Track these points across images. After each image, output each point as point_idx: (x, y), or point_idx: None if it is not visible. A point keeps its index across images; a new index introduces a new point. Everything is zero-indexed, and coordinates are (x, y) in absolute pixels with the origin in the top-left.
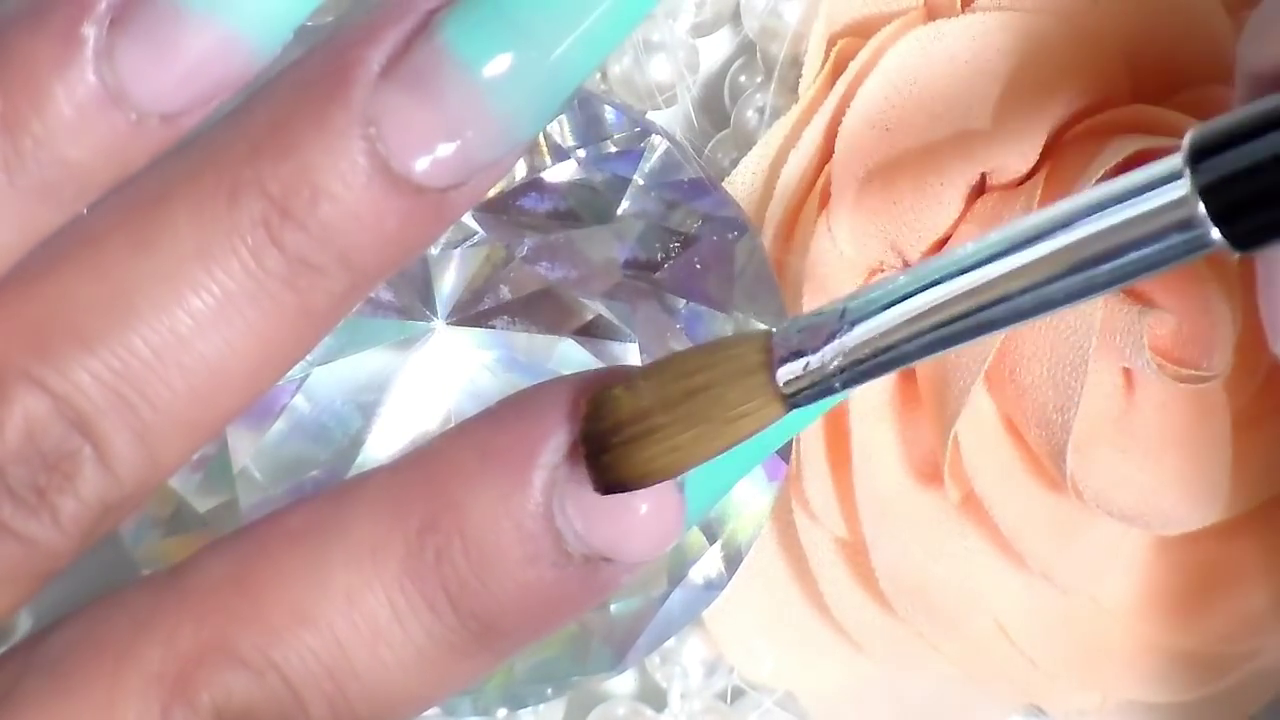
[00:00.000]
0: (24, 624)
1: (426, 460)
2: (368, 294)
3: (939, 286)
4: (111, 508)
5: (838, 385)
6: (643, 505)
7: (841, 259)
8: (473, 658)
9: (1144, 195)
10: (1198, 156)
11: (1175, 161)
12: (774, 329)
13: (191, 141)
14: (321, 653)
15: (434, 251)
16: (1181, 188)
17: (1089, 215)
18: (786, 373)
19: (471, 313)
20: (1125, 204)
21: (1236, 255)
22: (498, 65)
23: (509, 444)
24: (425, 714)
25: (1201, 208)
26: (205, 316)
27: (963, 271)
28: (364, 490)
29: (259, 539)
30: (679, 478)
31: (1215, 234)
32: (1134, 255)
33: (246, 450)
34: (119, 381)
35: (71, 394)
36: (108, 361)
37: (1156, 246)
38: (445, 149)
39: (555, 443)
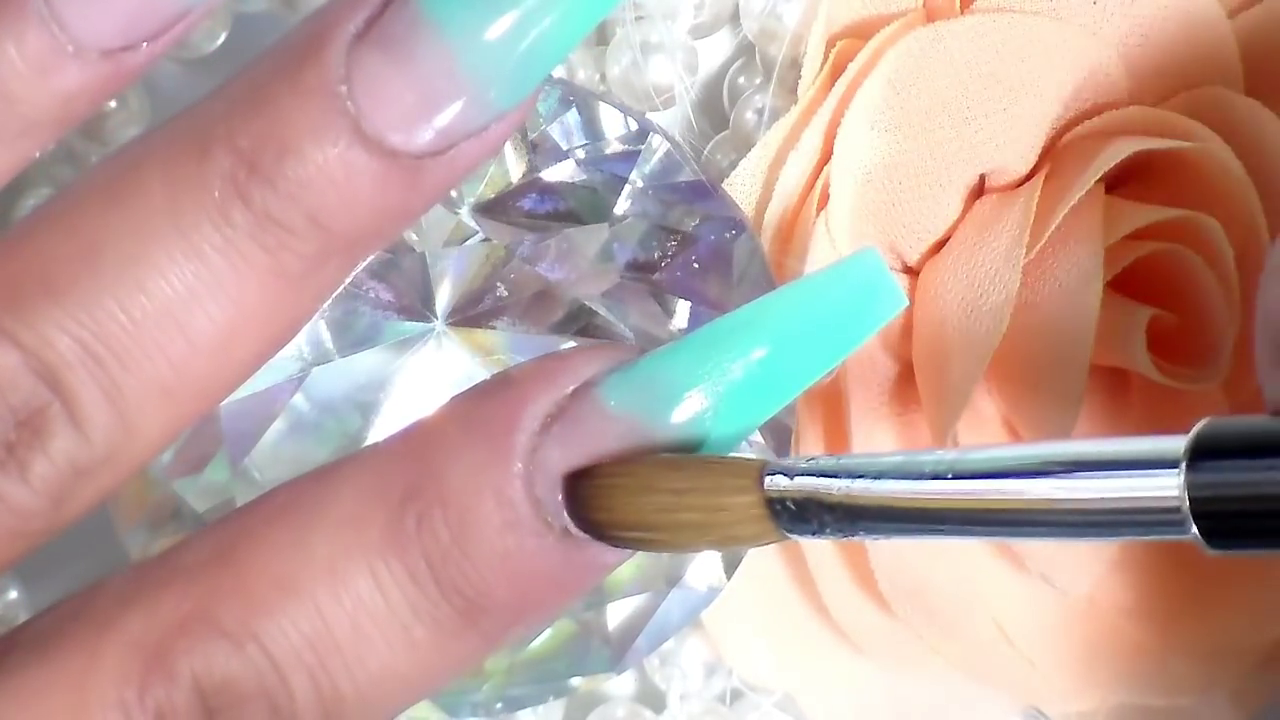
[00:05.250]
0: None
1: (411, 434)
2: (347, 265)
3: (937, 481)
4: (83, 471)
5: (828, 534)
6: None
7: None
8: (460, 638)
9: (1140, 472)
10: (1197, 454)
11: (1176, 449)
12: (767, 472)
13: (178, 111)
14: (304, 624)
15: (434, 251)
16: (1175, 486)
17: (1088, 471)
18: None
19: (471, 313)
20: (1121, 473)
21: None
22: (473, 30)
23: (491, 413)
24: (424, 716)
25: (1188, 508)
26: (173, 272)
27: (957, 477)
28: (349, 465)
29: (244, 518)
30: None
31: (1194, 529)
32: (1117, 520)
33: (245, 450)
34: (87, 336)
35: (40, 348)
36: (75, 315)
37: (1138, 520)
38: (417, 112)
39: (536, 409)
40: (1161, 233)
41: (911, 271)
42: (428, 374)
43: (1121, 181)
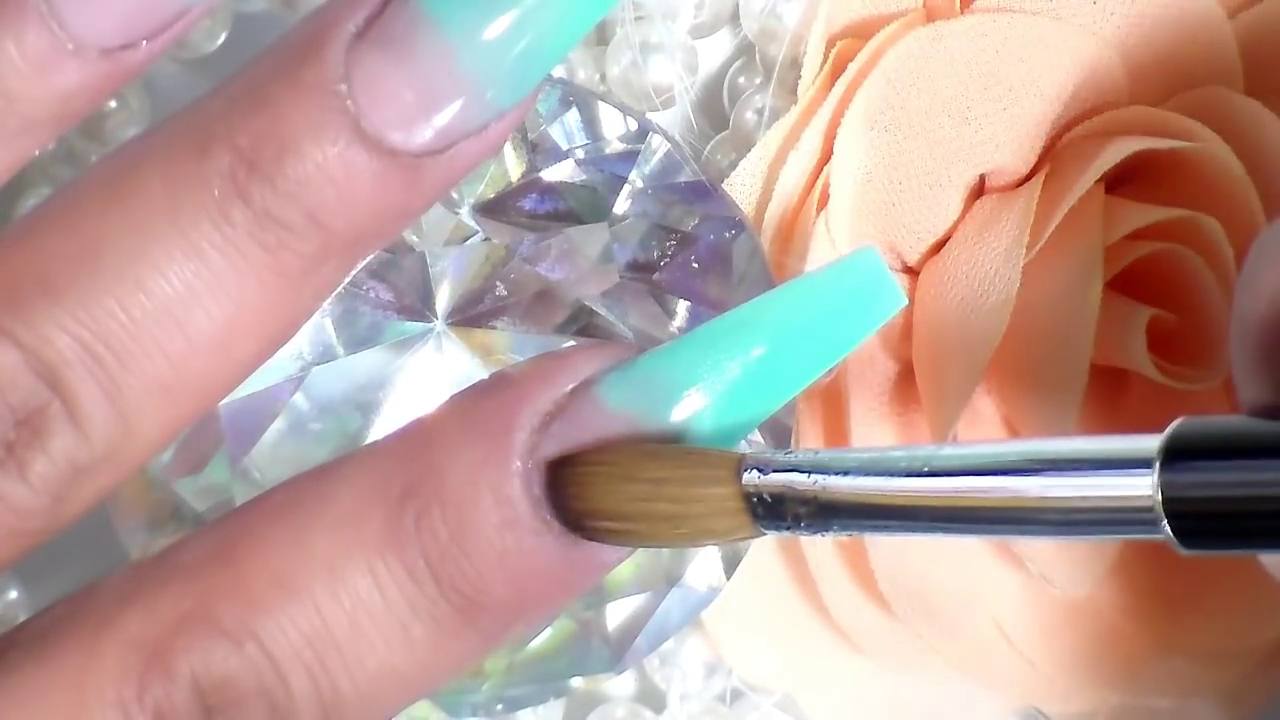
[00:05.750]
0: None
1: (410, 433)
2: (346, 264)
3: (912, 479)
4: (82, 470)
5: (803, 530)
6: None
7: None
8: (459, 636)
9: (1114, 471)
10: (1171, 454)
11: (1151, 448)
12: (744, 466)
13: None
14: (302, 622)
15: (433, 251)
16: (1148, 486)
17: (1062, 470)
18: (760, 514)
19: (471, 313)
20: (1095, 473)
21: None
22: (472, 29)
23: (490, 411)
24: (424, 716)
25: (1161, 508)
26: (172, 271)
27: (931, 474)
28: (348, 464)
29: (243, 516)
30: None
31: (1167, 529)
32: (1091, 519)
33: (245, 450)
34: (86, 334)
35: (40, 347)
36: (75, 314)
37: (1112, 519)
38: (416, 111)
39: (535, 408)
40: (1161, 233)
41: (911, 271)
42: (428, 374)
43: (1121, 181)
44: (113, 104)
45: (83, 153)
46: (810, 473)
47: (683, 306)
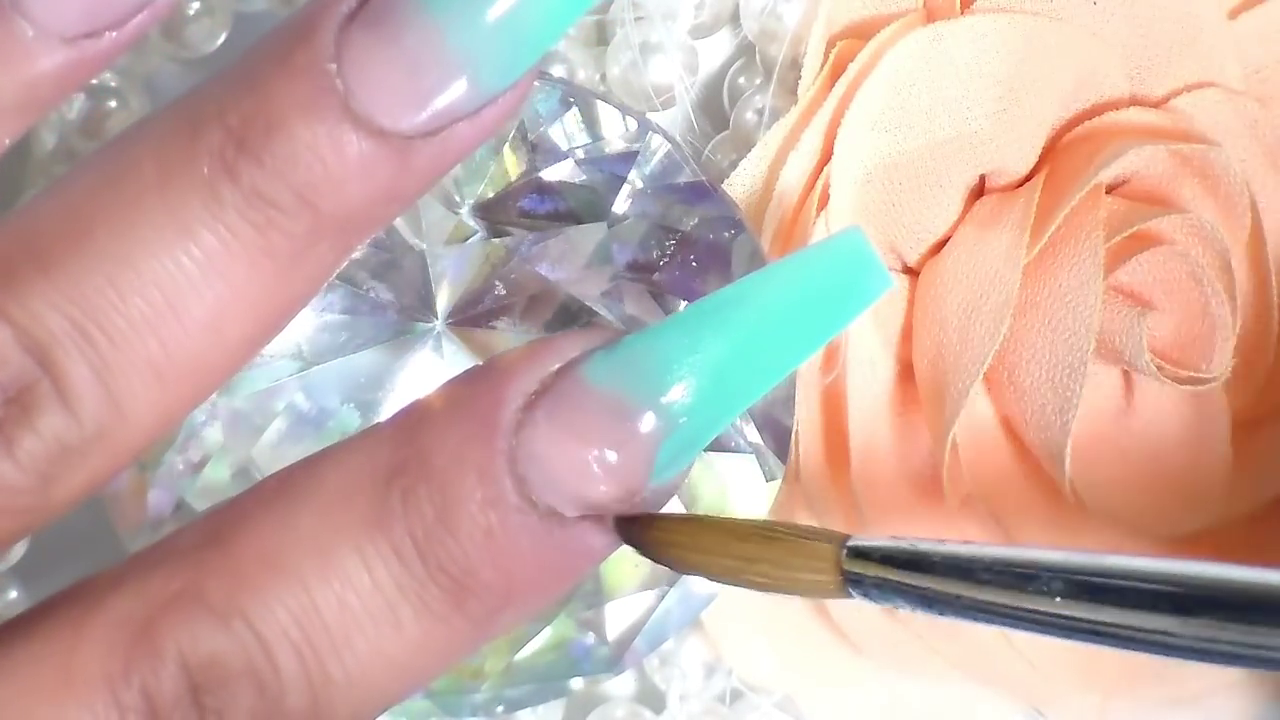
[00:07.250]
0: None
1: (400, 416)
2: (339, 249)
3: (1045, 598)
4: (71, 449)
5: (900, 609)
6: (608, 455)
7: None
8: (448, 622)
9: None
10: None
11: None
12: (845, 553)
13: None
14: (290, 602)
15: (434, 251)
16: None
17: (1217, 620)
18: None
19: (471, 313)
20: (1254, 627)
21: None
22: (463, 10)
23: (477, 393)
24: (425, 717)
25: None
26: (163, 250)
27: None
28: (339, 449)
29: (237, 502)
30: (658, 436)
31: None
32: (1239, 658)
33: (246, 450)
34: (77, 313)
35: (30, 324)
36: (66, 292)
37: (1267, 661)
38: (406, 91)
39: (520, 387)
40: (1161, 233)
41: (911, 272)
42: (428, 374)
43: (1121, 181)
44: (112, 104)
45: (83, 152)
46: (929, 571)
47: (683, 307)
